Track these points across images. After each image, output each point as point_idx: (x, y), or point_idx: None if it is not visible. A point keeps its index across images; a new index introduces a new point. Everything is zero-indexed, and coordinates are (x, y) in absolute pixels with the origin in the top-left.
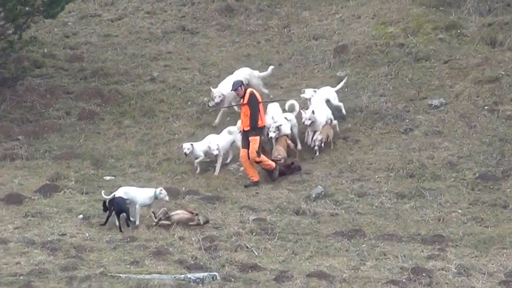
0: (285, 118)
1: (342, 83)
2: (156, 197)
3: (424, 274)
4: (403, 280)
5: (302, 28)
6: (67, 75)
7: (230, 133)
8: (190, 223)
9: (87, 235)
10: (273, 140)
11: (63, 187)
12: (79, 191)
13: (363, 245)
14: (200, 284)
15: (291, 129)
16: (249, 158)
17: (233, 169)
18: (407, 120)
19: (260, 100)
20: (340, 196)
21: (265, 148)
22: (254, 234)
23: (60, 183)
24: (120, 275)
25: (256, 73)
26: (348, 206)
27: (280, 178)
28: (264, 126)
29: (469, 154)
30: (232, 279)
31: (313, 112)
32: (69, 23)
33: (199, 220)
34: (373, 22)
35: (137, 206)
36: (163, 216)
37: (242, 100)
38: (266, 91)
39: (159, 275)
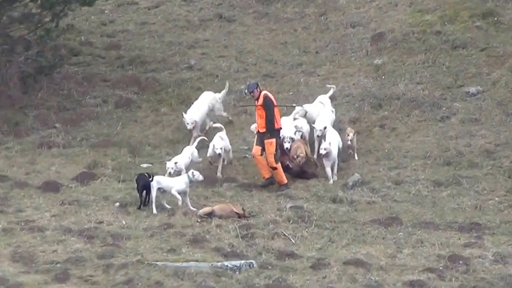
0: (295, 126)
1: (330, 92)
2: (191, 181)
3: (461, 262)
4: (440, 267)
5: (339, 16)
6: (104, 63)
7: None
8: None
9: (124, 222)
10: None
11: (100, 175)
12: (116, 179)
13: (400, 233)
14: (237, 272)
15: (301, 137)
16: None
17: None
18: (444, 108)
19: (275, 102)
20: (377, 184)
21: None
22: (291, 222)
23: (97, 171)
24: (157, 263)
25: (218, 95)
26: (385, 194)
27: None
28: (280, 128)
29: (506, 142)
30: (269, 267)
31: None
32: (106, 11)
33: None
34: (410, 9)
35: (172, 191)
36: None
37: (256, 102)
38: (225, 114)
39: (196, 263)
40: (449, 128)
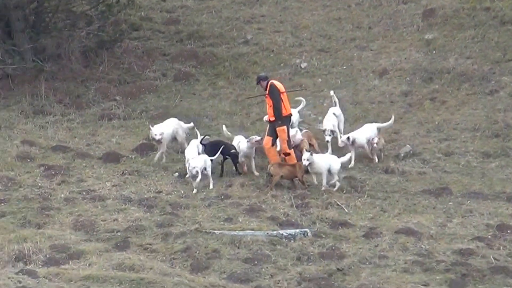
0: (333, 113)
1: (301, 105)
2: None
3: (509, 231)
4: (489, 236)
5: None
6: (164, 37)
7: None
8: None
9: (182, 192)
10: (328, 144)
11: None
12: (174, 150)
13: (449, 203)
14: (292, 240)
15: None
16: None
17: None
18: (492, 82)
19: (281, 90)
20: (428, 155)
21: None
22: (344, 192)
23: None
24: (214, 231)
25: (182, 124)
26: (435, 165)
27: None
28: (290, 115)
29: None
30: (323, 235)
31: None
32: None
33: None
34: None
35: (240, 156)
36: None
37: (266, 92)
38: (186, 145)
39: (252, 231)
40: (497, 101)
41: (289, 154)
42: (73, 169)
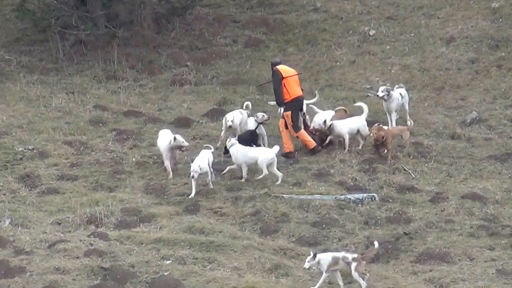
0: (400, 94)
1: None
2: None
3: None
4: None
5: None
6: (234, 4)
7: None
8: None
9: None
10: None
11: (229, 112)
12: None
13: None
14: (360, 205)
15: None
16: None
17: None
18: None
19: (284, 75)
20: (494, 121)
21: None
22: (411, 157)
23: (227, 108)
24: (283, 195)
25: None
26: (501, 131)
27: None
28: (296, 98)
29: None
30: (390, 200)
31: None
32: None
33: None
34: None
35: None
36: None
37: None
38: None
39: (320, 195)
40: None
41: (298, 137)
42: (144, 134)
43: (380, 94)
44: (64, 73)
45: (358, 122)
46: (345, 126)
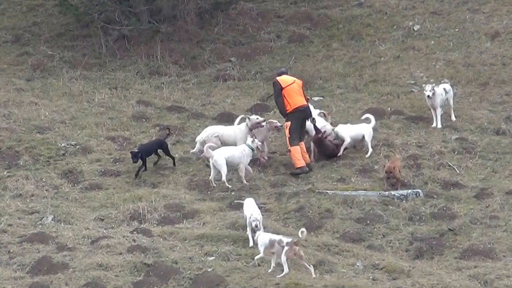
0: (444, 89)
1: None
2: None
3: None
4: None
5: None
6: None
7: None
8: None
9: None
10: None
11: (274, 107)
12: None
13: None
14: (404, 201)
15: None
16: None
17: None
18: None
19: (283, 85)
20: None
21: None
22: (456, 153)
23: (271, 103)
24: (327, 191)
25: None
26: None
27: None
28: (298, 108)
29: None
30: (435, 196)
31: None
32: None
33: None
34: None
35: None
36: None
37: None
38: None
39: (365, 191)
40: None
41: (289, 152)
42: (187, 129)
43: (429, 93)
44: (107, 68)
45: (363, 130)
46: (349, 132)
